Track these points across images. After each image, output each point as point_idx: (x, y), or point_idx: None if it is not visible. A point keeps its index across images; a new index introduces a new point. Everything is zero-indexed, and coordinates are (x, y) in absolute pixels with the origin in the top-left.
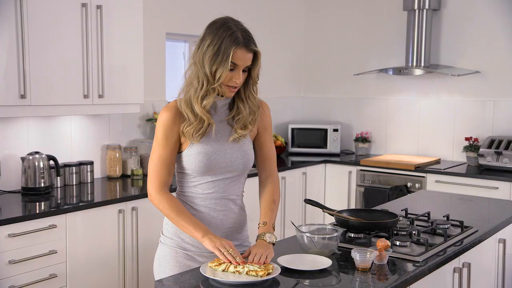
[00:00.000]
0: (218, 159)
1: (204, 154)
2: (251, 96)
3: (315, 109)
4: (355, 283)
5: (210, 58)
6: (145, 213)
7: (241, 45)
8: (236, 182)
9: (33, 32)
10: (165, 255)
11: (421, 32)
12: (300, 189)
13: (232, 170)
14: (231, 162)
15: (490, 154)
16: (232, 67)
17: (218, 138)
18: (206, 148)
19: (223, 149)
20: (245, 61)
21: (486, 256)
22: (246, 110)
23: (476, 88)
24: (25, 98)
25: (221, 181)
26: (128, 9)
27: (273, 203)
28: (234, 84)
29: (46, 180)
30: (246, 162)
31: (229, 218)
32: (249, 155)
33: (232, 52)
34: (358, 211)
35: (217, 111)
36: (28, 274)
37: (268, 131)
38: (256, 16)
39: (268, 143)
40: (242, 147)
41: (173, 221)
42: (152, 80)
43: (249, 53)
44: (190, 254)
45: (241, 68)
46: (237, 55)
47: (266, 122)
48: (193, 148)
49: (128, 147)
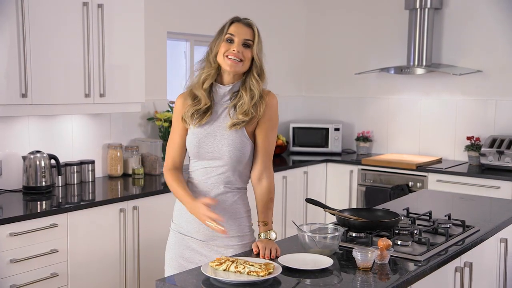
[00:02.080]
0: (207, 143)
1: (196, 135)
2: (255, 82)
3: (316, 108)
4: (357, 282)
5: (213, 40)
6: (146, 212)
7: (237, 20)
8: (227, 174)
9: (34, 31)
10: (169, 239)
11: (423, 31)
12: (301, 188)
13: (219, 158)
14: (218, 148)
15: (492, 154)
16: (229, 39)
17: (213, 125)
18: (200, 131)
19: (213, 135)
20: (240, 33)
21: (487, 255)
22: (247, 97)
23: (478, 87)
24: (26, 97)
25: (214, 169)
26: (129, 8)
27: (271, 202)
28: (232, 53)
29: (47, 179)
30: (233, 151)
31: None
32: (238, 145)
33: (227, 25)
34: (360, 211)
35: (218, 99)
36: (29, 273)
37: (269, 123)
38: (257, 15)
39: (268, 135)
40: (231, 136)
41: (176, 193)
42: (153, 79)
43: (246, 27)
44: (185, 239)
45: (238, 40)
46: (233, 27)
47: (268, 114)
48: (190, 130)
49: (129, 146)
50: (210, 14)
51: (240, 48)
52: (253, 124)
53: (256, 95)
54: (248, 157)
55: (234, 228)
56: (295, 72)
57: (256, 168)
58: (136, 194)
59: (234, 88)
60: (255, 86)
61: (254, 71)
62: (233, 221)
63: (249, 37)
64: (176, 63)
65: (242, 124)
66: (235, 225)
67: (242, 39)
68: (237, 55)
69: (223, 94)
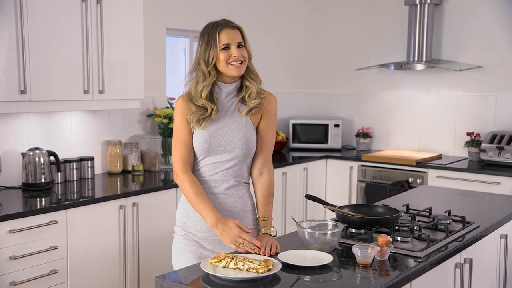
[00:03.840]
0: (218, 137)
1: (206, 131)
2: (254, 73)
3: (316, 105)
4: (356, 279)
5: (203, 51)
6: (145, 209)
7: (222, 26)
8: (236, 168)
9: (33, 27)
10: (175, 242)
11: (423, 27)
12: (301, 184)
13: (231, 150)
14: (230, 141)
15: (492, 149)
16: (225, 46)
17: (223, 121)
18: (209, 127)
19: (223, 130)
20: (233, 38)
21: (488, 251)
22: (254, 85)
23: (478, 83)
24: (25, 93)
25: (221, 164)
26: (128, 4)
27: (271, 196)
28: (234, 59)
29: (47, 176)
30: (244, 143)
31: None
32: (248, 137)
33: (217, 34)
34: (359, 207)
35: (224, 96)
36: (28, 270)
37: (271, 119)
38: (257, 11)
39: (269, 130)
40: (242, 129)
41: (191, 203)
42: (152, 75)
43: (233, 30)
44: (196, 240)
45: (234, 45)
46: (224, 35)
47: (270, 110)
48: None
49: (129, 142)
50: (209, 10)
51: (238, 52)
52: (257, 117)
53: (259, 80)
54: (254, 151)
55: (245, 221)
56: (295, 68)
57: (257, 162)
58: (135, 190)
59: (237, 85)
60: (254, 73)
61: (249, 64)
62: (243, 213)
63: (240, 39)
64: (175, 59)
65: (256, 109)
66: (246, 218)
67: (236, 43)
68: (239, 59)
69: (228, 92)
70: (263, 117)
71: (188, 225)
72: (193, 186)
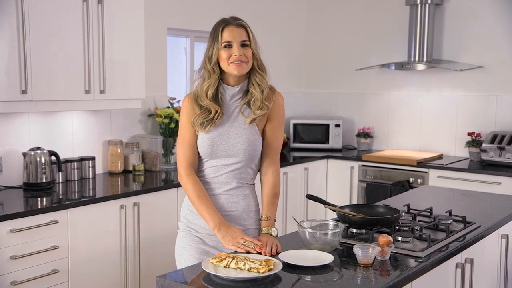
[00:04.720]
0: (220, 142)
1: (209, 135)
2: (260, 77)
3: (317, 104)
4: (357, 279)
5: (208, 48)
6: (146, 209)
7: (227, 23)
8: (240, 171)
9: (34, 27)
10: (179, 237)
11: (424, 27)
12: (302, 184)
13: (235, 155)
14: (233, 146)
15: (493, 149)
16: (226, 44)
17: (226, 125)
18: (212, 131)
19: (226, 134)
20: (236, 36)
21: (488, 251)
22: (258, 92)
23: (478, 83)
24: (27, 93)
25: (225, 167)
26: (129, 4)
27: (275, 197)
28: (235, 58)
29: (48, 176)
30: (248, 148)
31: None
32: (252, 142)
33: (220, 31)
34: (360, 207)
35: (228, 99)
36: (29, 270)
37: (277, 120)
38: (257, 10)
39: (276, 131)
40: (246, 134)
41: (194, 205)
42: (153, 75)
43: (238, 28)
44: (199, 236)
45: (236, 44)
46: (227, 33)
47: (277, 111)
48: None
49: (130, 142)
50: (210, 10)
51: (240, 50)
52: (263, 120)
53: (265, 88)
54: (260, 153)
55: (248, 221)
56: (295, 68)
57: (263, 163)
58: (136, 190)
59: (243, 87)
60: (261, 80)
61: (256, 66)
62: (247, 214)
63: (244, 37)
64: (177, 59)
65: (260, 118)
66: (249, 218)
67: (239, 41)
68: (240, 59)
69: (232, 94)
70: (270, 119)
71: (192, 222)
72: (196, 189)
